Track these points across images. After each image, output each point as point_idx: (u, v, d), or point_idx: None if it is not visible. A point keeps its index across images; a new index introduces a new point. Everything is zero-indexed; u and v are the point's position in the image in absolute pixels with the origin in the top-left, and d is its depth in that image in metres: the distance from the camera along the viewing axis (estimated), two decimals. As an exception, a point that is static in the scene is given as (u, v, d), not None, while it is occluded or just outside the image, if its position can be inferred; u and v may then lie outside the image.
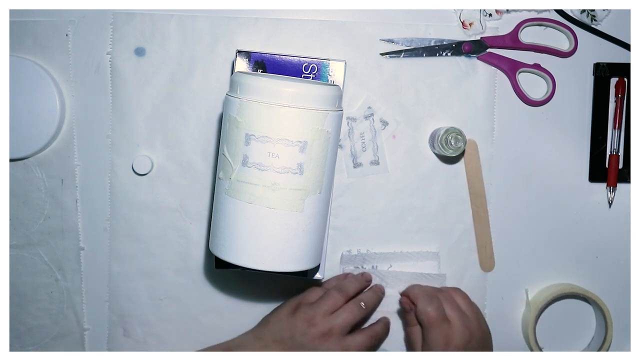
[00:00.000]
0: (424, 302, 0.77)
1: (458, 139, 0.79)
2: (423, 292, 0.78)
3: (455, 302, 0.78)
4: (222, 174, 0.68)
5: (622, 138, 0.85)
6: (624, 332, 0.86)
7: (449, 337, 0.75)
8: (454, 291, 0.80)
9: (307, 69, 0.77)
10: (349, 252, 0.85)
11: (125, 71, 0.84)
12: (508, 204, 0.86)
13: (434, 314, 0.76)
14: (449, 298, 0.79)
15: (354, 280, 0.81)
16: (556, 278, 0.87)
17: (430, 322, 0.76)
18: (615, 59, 0.85)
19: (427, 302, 0.76)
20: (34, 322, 0.86)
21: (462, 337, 0.75)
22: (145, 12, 0.83)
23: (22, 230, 0.85)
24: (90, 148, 0.85)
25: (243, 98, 0.65)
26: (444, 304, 0.77)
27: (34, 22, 0.83)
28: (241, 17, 0.83)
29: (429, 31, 0.84)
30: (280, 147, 0.65)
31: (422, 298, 0.77)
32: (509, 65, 0.84)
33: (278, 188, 0.65)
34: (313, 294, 0.79)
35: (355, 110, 0.84)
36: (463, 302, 0.79)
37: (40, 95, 0.82)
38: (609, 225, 0.86)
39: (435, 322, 0.75)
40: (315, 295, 0.79)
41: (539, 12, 0.85)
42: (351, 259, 0.85)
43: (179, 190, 0.85)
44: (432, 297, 0.77)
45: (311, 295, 0.79)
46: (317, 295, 0.79)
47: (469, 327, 0.76)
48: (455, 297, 0.79)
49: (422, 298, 0.77)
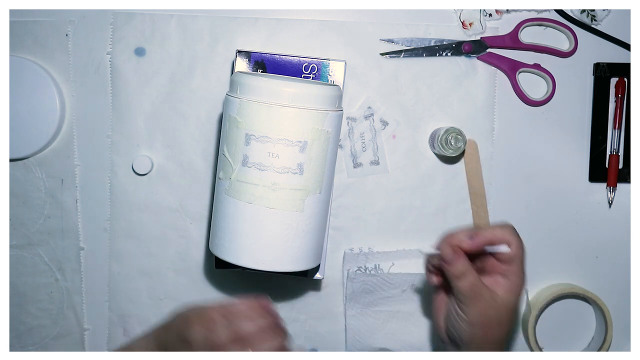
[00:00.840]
0: (511, 234, 0.66)
1: (458, 139, 0.79)
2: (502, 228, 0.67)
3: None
4: (222, 174, 0.68)
5: (622, 138, 0.85)
6: (624, 332, 0.86)
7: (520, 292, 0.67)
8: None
9: (307, 69, 0.77)
10: (351, 251, 0.85)
11: (125, 71, 0.84)
12: (508, 204, 0.86)
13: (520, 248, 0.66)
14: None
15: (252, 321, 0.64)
16: (556, 278, 0.87)
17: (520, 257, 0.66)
18: (615, 59, 0.85)
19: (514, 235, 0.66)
20: (34, 322, 0.86)
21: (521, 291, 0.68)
22: (145, 12, 0.83)
23: (22, 230, 0.85)
24: (90, 148, 0.85)
25: (243, 98, 0.65)
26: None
27: (34, 22, 0.83)
28: (241, 17, 0.83)
29: (429, 31, 0.84)
30: (280, 147, 0.65)
31: (508, 232, 0.67)
32: (509, 65, 0.84)
33: (278, 188, 0.65)
34: (207, 321, 0.64)
35: (355, 110, 0.84)
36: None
37: (40, 95, 0.82)
38: (609, 225, 0.86)
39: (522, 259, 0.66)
40: (209, 323, 0.64)
41: (539, 12, 0.85)
42: (354, 257, 0.85)
43: (179, 190, 0.85)
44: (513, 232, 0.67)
45: (205, 321, 0.64)
46: (212, 324, 0.63)
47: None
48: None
49: (508, 232, 0.67)
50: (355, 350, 0.85)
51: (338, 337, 0.86)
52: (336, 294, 0.86)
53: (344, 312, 0.85)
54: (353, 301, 0.85)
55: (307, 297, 0.86)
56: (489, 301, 0.66)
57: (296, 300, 0.86)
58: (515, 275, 0.66)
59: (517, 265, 0.66)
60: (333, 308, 0.86)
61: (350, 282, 0.85)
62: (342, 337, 0.86)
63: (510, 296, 0.66)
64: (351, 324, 0.85)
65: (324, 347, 0.86)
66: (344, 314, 0.86)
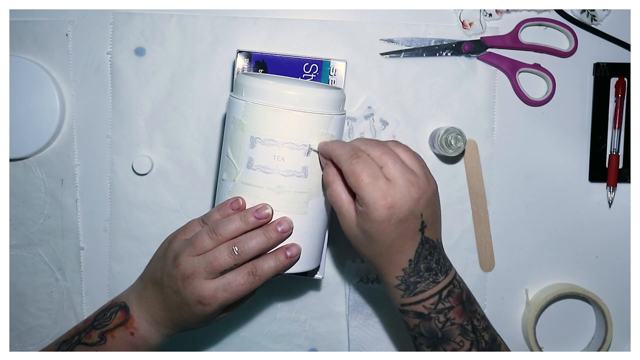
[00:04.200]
0: (346, 157, 0.61)
1: (458, 139, 0.79)
2: (342, 145, 0.63)
3: (396, 156, 0.62)
4: (226, 176, 0.68)
5: (622, 138, 0.85)
6: (624, 332, 0.86)
7: (391, 199, 0.60)
8: (393, 144, 0.64)
9: (307, 68, 0.77)
10: (353, 262, 0.85)
11: (125, 71, 0.84)
12: (508, 204, 0.86)
13: (362, 171, 0.60)
14: (388, 152, 0.62)
15: (235, 219, 0.65)
16: (556, 278, 0.87)
17: (360, 184, 0.60)
18: (615, 59, 0.85)
19: (351, 158, 0.61)
20: (34, 322, 0.86)
21: (409, 197, 0.60)
22: (145, 12, 0.83)
23: (22, 230, 0.85)
24: (90, 148, 0.85)
25: (249, 101, 0.65)
26: (381, 159, 0.62)
27: (34, 22, 0.83)
28: (241, 17, 0.83)
29: (429, 31, 0.84)
30: (285, 150, 0.65)
31: (343, 153, 0.62)
32: (509, 65, 0.84)
33: (283, 191, 0.65)
34: (188, 231, 0.68)
35: (355, 110, 0.84)
36: (406, 155, 0.63)
37: (40, 95, 0.82)
38: (609, 225, 0.86)
39: (369, 182, 0.60)
40: (189, 232, 0.67)
41: (539, 12, 0.85)
42: (355, 269, 0.85)
43: (179, 190, 0.85)
44: (356, 150, 0.62)
45: (186, 231, 0.68)
46: (191, 233, 0.67)
47: (416, 184, 0.61)
48: (396, 150, 0.63)
49: (343, 153, 0.62)
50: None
51: (338, 337, 0.86)
52: (336, 294, 0.86)
53: (347, 323, 0.85)
54: (356, 312, 0.85)
55: (307, 297, 0.86)
56: (347, 215, 0.63)
57: (296, 300, 0.86)
58: (358, 195, 0.61)
59: (352, 184, 0.61)
60: (333, 308, 0.86)
61: (352, 294, 0.85)
62: (342, 337, 0.86)
63: (362, 215, 0.62)
64: (354, 334, 0.85)
65: (324, 347, 0.86)
66: (344, 314, 0.86)
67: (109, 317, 0.69)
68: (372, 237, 0.62)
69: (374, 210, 0.60)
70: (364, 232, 0.62)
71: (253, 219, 0.64)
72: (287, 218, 0.65)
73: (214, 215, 0.67)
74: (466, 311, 0.65)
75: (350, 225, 0.64)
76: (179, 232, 0.68)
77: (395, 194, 0.60)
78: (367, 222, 0.61)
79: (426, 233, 0.63)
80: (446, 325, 0.64)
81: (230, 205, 0.66)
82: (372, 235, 0.62)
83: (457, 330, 0.64)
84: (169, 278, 0.65)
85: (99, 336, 0.68)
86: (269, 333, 0.86)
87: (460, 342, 0.64)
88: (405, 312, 0.65)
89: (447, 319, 0.64)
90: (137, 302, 0.69)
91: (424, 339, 0.65)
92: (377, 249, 0.63)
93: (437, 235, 0.66)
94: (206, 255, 0.64)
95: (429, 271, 0.64)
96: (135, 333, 0.68)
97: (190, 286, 0.64)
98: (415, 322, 0.65)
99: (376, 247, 0.63)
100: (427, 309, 0.64)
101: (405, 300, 0.64)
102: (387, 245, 0.62)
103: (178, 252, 0.65)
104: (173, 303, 0.66)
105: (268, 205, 0.65)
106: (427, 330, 0.64)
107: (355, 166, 0.60)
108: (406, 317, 0.65)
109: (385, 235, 0.61)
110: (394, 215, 0.60)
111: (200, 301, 0.64)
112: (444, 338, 0.64)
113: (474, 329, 0.65)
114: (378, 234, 0.61)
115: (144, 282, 0.69)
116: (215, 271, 0.64)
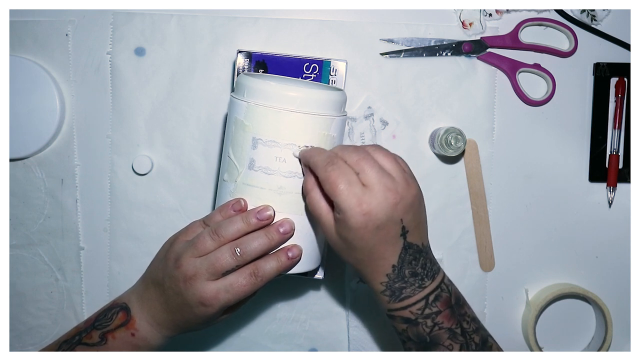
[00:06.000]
0: (322, 165, 0.61)
1: (458, 139, 0.79)
2: (319, 152, 0.62)
3: (374, 162, 0.61)
4: (227, 176, 0.67)
5: (622, 138, 0.85)
6: (624, 332, 0.86)
7: (367, 205, 0.59)
8: (373, 149, 0.63)
9: (308, 68, 0.77)
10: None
11: (125, 71, 0.84)
12: (508, 204, 0.86)
13: (337, 177, 0.59)
14: (365, 157, 0.61)
15: (237, 220, 0.65)
16: (556, 278, 0.87)
17: (336, 191, 0.59)
18: (615, 59, 0.85)
19: (327, 165, 0.60)
20: (34, 322, 0.86)
21: (385, 203, 0.59)
22: (145, 12, 0.83)
23: (22, 230, 0.85)
24: (90, 148, 0.85)
25: (251, 102, 0.65)
26: (358, 164, 0.60)
27: (34, 22, 0.83)
28: (241, 17, 0.83)
29: (429, 31, 0.84)
30: (287, 151, 0.65)
31: (320, 160, 0.61)
32: (509, 65, 0.84)
33: (284, 192, 0.65)
34: (190, 232, 0.68)
35: (355, 110, 0.84)
36: (386, 160, 0.62)
37: (40, 95, 0.82)
38: (609, 225, 0.86)
39: (344, 189, 0.59)
40: (191, 234, 0.67)
41: (539, 12, 0.85)
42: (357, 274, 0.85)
43: (179, 190, 0.85)
44: (332, 157, 0.61)
45: (188, 233, 0.68)
46: (193, 234, 0.67)
47: (393, 190, 0.60)
48: (374, 155, 0.62)
49: (320, 160, 0.61)
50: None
51: (338, 337, 0.86)
52: (336, 294, 0.86)
53: (347, 323, 0.85)
54: (356, 312, 0.85)
55: (307, 297, 0.86)
56: (327, 223, 0.62)
57: (296, 300, 0.86)
58: (335, 202, 0.60)
59: (329, 191, 0.60)
60: (333, 308, 0.86)
61: (352, 294, 0.85)
62: (342, 337, 0.86)
63: (339, 223, 0.61)
64: (354, 334, 0.85)
65: (324, 347, 0.86)
66: (344, 314, 0.86)
67: (110, 318, 0.69)
68: (351, 244, 0.62)
69: (350, 217, 0.59)
70: (343, 239, 0.62)
71: (255, 221, 0.64)
72: (289, 219, 0.65)
73: (215, 216, 0.67)
74: (455, 315, 0.64)
75: (330, 233, 0.63)
76: (180, 233, 0.68)
77: (371, 200, 0.59)
78: (344, 229, 0.61)
79: (409, 238, 0.62)
80: (434, 330, 0.63)
81: (232, 207, 0.66)
82: (351, 242, 0.61)
83: (445, 334, 0.64)
84: (171, 279, 0.65)
85: (100, 336, 0.68)
86: (269, 333, 0.86)
87: (450, 345, 0.64)
88: (393, 318, 0.65)
89: (435, 323, 0.63)
90: (138, 303, 0.69)
91: (412, 343, 0.65)
92: (357, 255, 0.62)
93: (423, 239, 0.64)
94: (208, 256, 0.64)
95: (415, 276, 0.63)
96: (136, 334, 0.68)
97: (192, 287, 0.64)
98: (403, 327, 0.64)
99: (357, 254, 0.62)
100: (413, 314, 0.63)
101: (392, 305, 0.64)
102: (368, 252, 0.62)
103: (180, 254, 0.65)
104: (174, 304, 0.66)
105: (270, 207, 0.65)
106: (415, 335, 0.64)
107: (331, 173, 0.60)
108: (394, 322, 0.65)
109: (364, 242, 0.61)
110: (370, 222, 0.59)
111: (202, 302, 0.64)
112: (432, 342, 0.64)
113: (464, 332, 0.64)
114: (356, 240, 0.61)
115: (145, 283, 0.69)
116: (217, 272, 0.64)
